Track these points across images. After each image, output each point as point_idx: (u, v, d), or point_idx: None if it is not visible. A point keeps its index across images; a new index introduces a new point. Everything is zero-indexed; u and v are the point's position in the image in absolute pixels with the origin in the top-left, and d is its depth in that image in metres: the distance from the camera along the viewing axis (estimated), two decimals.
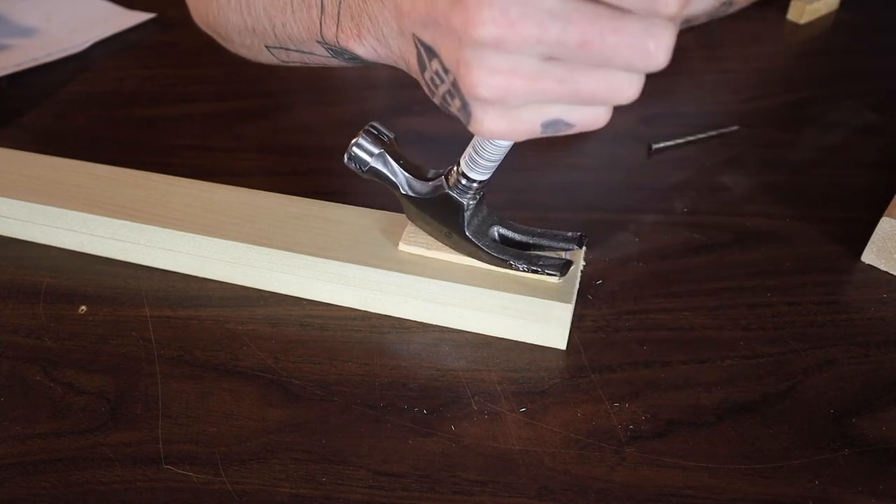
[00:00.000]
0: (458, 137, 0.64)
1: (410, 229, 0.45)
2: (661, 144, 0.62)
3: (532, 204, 0.56)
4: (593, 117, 0.31)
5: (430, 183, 0.42)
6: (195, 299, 0.47)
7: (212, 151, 0.62)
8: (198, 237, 0.46)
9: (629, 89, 0.29)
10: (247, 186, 0.50)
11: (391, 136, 0.43)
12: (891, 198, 0.52)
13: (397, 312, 0.46)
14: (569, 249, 0.43)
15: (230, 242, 0.45)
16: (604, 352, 0.44)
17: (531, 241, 0.44)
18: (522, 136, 0.31)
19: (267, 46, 0.46)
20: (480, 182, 0.40)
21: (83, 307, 0.47)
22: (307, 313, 0.46)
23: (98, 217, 0.47)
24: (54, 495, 0.36)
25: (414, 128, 0.65)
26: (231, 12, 0.46)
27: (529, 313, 0.42)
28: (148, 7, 0.85)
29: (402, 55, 0.36)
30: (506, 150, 0.37)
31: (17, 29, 0.81)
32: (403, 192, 0.43)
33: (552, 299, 0.41)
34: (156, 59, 0.77)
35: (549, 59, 0.28)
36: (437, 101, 0.34)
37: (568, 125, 0.31)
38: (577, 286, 0.43)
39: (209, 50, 0.79)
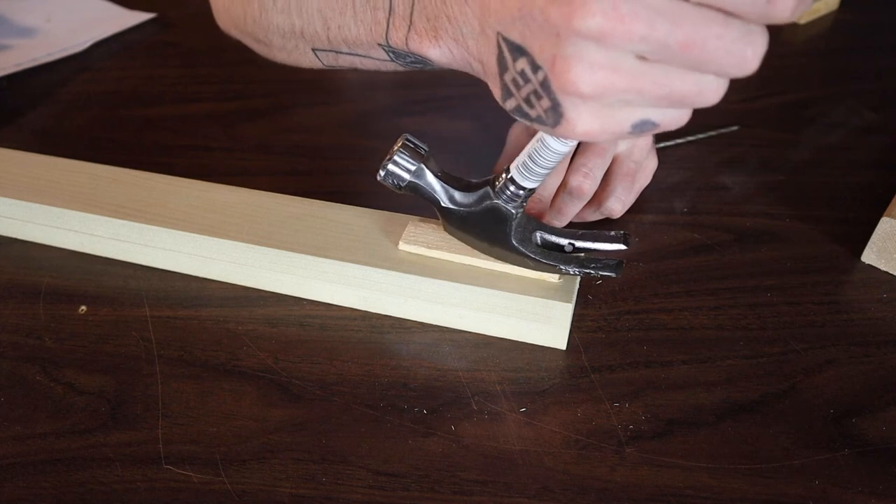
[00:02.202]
0: (458, 137, 0.64)
1: (410, 229, 0.45)
2: (661, 144, 0.62)
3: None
4: (677, 118, 0.31)
5: (474, 194, 0.40)
6: (195, 299, 0.47)
7: (212, 151, 0.62)
8: (198, 237, 0.46)
9: (716, 93, 0.29)
10: (247, 186, 0.50)
11: (426, 148, 0.41)
12: (891, 198, 0.52)
13: (397, 312, 0.46)
14: (613, 249, 0.41)
15: (230, 242, 0.45)
16: (604, 352, 0.44)
17: (575, 244, 0.42)
18: (612, 137, 0.31)
19: (314, 49, 0.45)
20: (530, 190, 0.38)
21: (83, 307, 0.47)
22: (307, 313, 0.46)
23: (98, 217, 0.47)
24: (54, 495, 0.36)
25: (414, 128, 0.65)
26: (277, 14, 0.45)
27: (529, 313, 0.42)
28: (148, 7, 0.85)
29: (479, 57, 0.35)
30: (563, 157, 0.36)
31: (17, 29, 0.81)
32: (444, 205, 0.41)
33: (552, 299, 0.41)
34: (156, 59, 0.77)
35: (645, 58, 0.28)
36: (513, 104, 0.33)
37: (654, 125, 0.31)
38: (577, 286, 0.43)
39: (209, 50, 0.79)
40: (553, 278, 0.42)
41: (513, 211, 0.39)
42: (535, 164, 0.36)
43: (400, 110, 0.68)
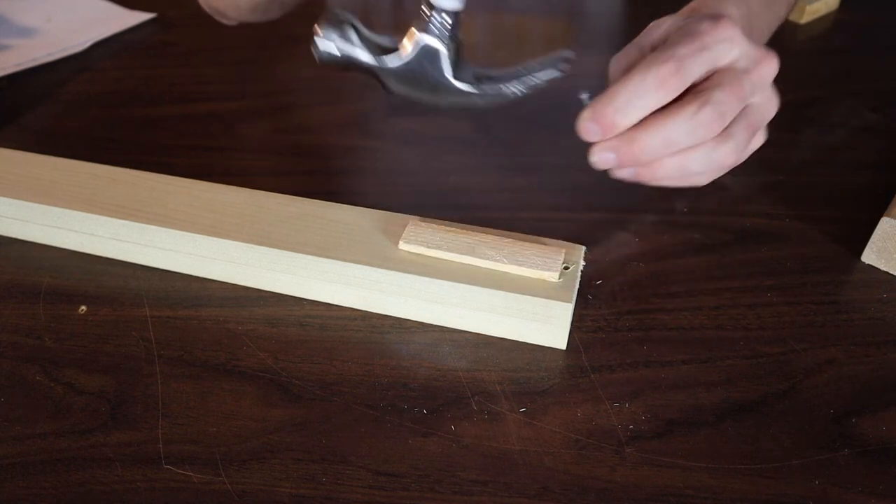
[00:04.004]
0: (458, 137, 0.64)
1: (410, 229, 0.45)
2: None
3: (532, 204, 0.56)
4: None
5: (407, 44, 0.40)
6: (195, 299, 0.47)
7: (212, 151, 0.62)
8: (198, 237, 0.46)
9: None
10: (247, 186, 0.50)
11: (351, 17, 0.41)
12: (891, 198, 0.52)
13: (397, 312, 0.46)
14: (548, 77, 0.42)
15: (230, 242, 0.45)
16: (604, 352, 0.44)
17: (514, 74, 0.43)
18: None
19: None
20: (452, 12, 0.38)
21: (83, 307, 0.47)
22: (307, 313, 0.46)
23: (98, 217, 0.47)
24: (54, 495, 0.36)
25: (414, 128, 0.65)
26: None
27: (529, 313, 0.42)
28: (148, 7, 0.85)
29: None
30: None
31: (17, 29, 0.81)
32: (381, 66, 0.41)
33: (552, 299, 0.41)
34: (156, 59, 0.77)
35: None
36: None
37: None
38: (577, 286, 0.43)
39: (209, 50, 0.79)
40: (553, 278, 0.42)
41: (443, 46, 0.39)
42: None
43: (400, 110, 0.68)
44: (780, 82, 0.47)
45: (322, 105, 0.70)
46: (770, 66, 0.43)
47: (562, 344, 0.44)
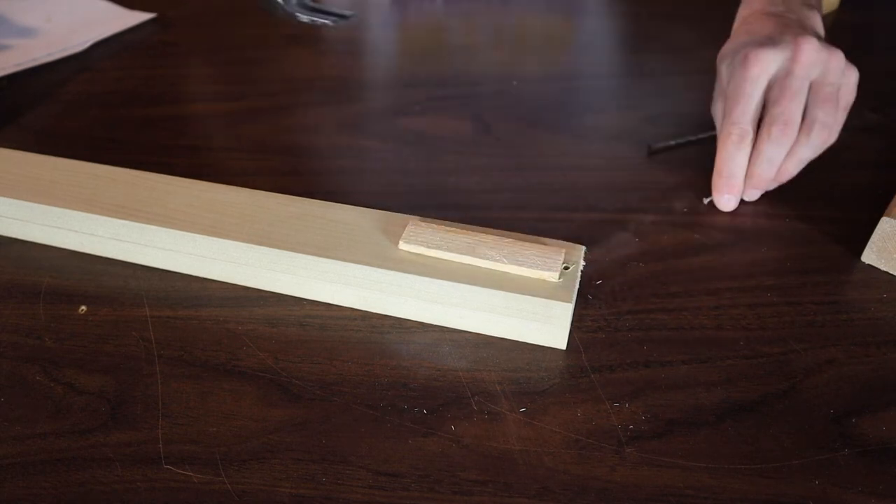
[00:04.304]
0: (458, 137, 0.64)
1: (411, 229, 0.45)
2: (661, 144, 0.62)
3: (532, 204, 0.56)
4: None
5: None
6: (195, 299, 0.47)
7: (212, 151, 0.62)
8: (198, 237, 0.46)
9: None
10: (247, 186, 0.50)
11: None
12: (891, 198, 0.52)
13: (397, 312, 0.46)
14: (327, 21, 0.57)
15: (230, 242, 0.45)
16: (604, 352, 0.44)
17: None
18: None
19: None
20: None
21: (83, 307, 0.47)
22: (307, 313, 0.46)
23: (98, 217, 0.47)
24: (54, 495, 0.36)
25: (414, 128, 0.65)
26: None
27: (529, 313, 0.42)
28: (148, 7, 0.85)
29: None
30: None
31: (17, 29, 0.81)
32: None
33: (552, 299, 0.41)
34: (156, 59, 0.77)
35: None
36: None
37: None
38: (577, 286, 0.43)
39: (209, 50, 0.79)
40: (553, 278, 0.42)
41: None
42: None
43: (400, 110, 0.68)
44: None
45: (322, 105, 0.70)
46: (804, 50, 0.51)
47: (562, 344, 0.44)
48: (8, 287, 0.48)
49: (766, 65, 0.51)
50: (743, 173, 0.53)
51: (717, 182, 0.53)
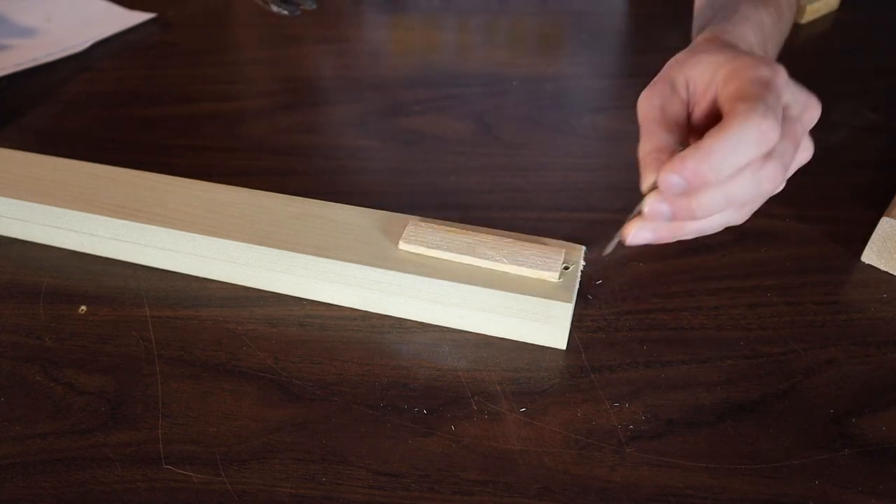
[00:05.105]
0: (458, 137, 0.64)
1: (411, 229, 0.45)
2: None
3: (532, 204, 0.56)
4: None
5: None
6: (195, 299, 0.47)
7: (212, 151, 0.62)
8: (198, 237, 0.46)
9: None
10: (247, 186, 0.50)
11: None
12: (891, 198, 0.52)
13: (397, 312, 0.46)
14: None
15: (230, 242, 0.45)
16: (604, 352, 0.44)
17: None
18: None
19: None
20: None
21: (83, 307, 0.47)
22: (307, 313, 0.46)
23: (98, 217, 0.47)
24: (54, 495, 0.36)
25: (414, 128, 0.65)
26: None
27: (529, 313, 0.42)
28: (148, 7, 0.85)
29: None
30: None
31: (17, 29, 0.81)
32: None
33: (552, 299, 0.41)
34: (156, 59, 0.77)
35: None
36: None
37: None
38: (577, 286, 0.43)
39: (209, 50, 0.79)
40: (553, 278, 0.42)
41: None
42: None
43: (400, 110, 0.68)
44: None
45: (322, 105, 0.70)
46: (815, 111, 0.40)
47: (562, 344, 0.44)
48: (8, 287, 0.48)
49: (790, 83, 0.39)
50: (725, 177, 0.36)
51: (696, 165, 0.35)
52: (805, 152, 0.41)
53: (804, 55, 0.78)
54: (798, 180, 0.56)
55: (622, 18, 0.88)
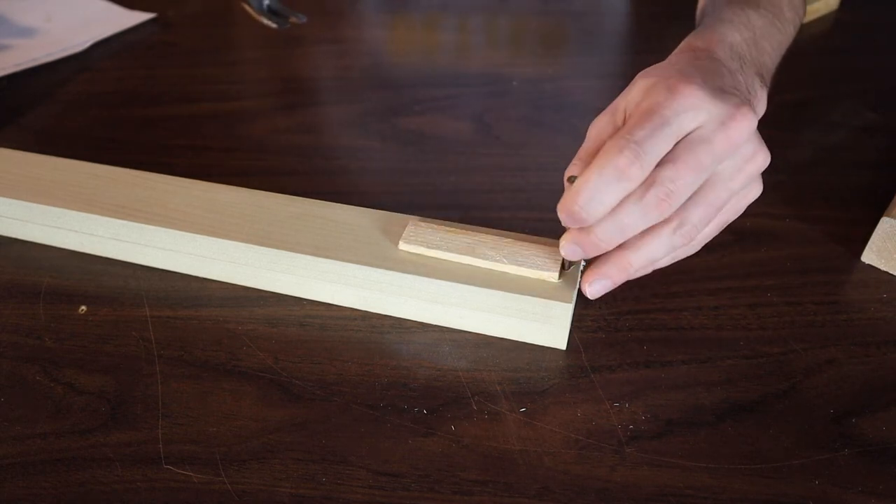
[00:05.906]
0: (458, 137, 0.64)
1: (410, 229, 0.45)
2: None
3: (532, 204, 0.56)
4: None
5: None
6: (195, 299, 0.47)
7: (212, 151, 0.62)
8: (198, 237, 0.46)
9: None
10: (247, 186, 0.50)
11: None
12: (891, 198, 0.52)
13: (397, 312, 0.46)
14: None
15: (230, 242, 0.45)
16: (604, 352, 0.44)
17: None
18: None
19: None
20: None
21: (83, 307, 0.47)
22: (307, 313, 0.46)
23: (98, 217, 0.47)
24: (54, 495, 0.36)
25: (414, 128, 0.65)
26: None
27: (529, 313, 0.42)
28: (148, 7, 0.85)
29: None
30: None
31: (17, 29, 0.81)
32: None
33: (552, 299, 0.41)
34: (156, 59, 0.77)
35: None
36: None
37: None
38: (577, 286, 0.43)
39: (209, 50, 0.79)
40: (553, 278, 0.42)
41: None
42: None
43: (400, 110, 0.68)
44: (780, 82, 0.48)
45: (322, 105, 0.70)
46: (740, 125, 0.38)
47: (562, 344, 0.44)
48: (8, 287, 0.48)
49: (701, 104, 0.37)
50: (601, 215, 0.37)
51: (569, 206, 0.37)
52: (746, 166, 0.39)
53: (804, 55, 0.78)
54: (798, 180, 0.56)
55: (622, 18, 0.88)
